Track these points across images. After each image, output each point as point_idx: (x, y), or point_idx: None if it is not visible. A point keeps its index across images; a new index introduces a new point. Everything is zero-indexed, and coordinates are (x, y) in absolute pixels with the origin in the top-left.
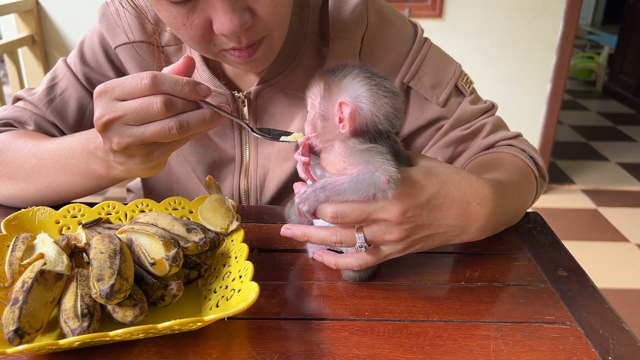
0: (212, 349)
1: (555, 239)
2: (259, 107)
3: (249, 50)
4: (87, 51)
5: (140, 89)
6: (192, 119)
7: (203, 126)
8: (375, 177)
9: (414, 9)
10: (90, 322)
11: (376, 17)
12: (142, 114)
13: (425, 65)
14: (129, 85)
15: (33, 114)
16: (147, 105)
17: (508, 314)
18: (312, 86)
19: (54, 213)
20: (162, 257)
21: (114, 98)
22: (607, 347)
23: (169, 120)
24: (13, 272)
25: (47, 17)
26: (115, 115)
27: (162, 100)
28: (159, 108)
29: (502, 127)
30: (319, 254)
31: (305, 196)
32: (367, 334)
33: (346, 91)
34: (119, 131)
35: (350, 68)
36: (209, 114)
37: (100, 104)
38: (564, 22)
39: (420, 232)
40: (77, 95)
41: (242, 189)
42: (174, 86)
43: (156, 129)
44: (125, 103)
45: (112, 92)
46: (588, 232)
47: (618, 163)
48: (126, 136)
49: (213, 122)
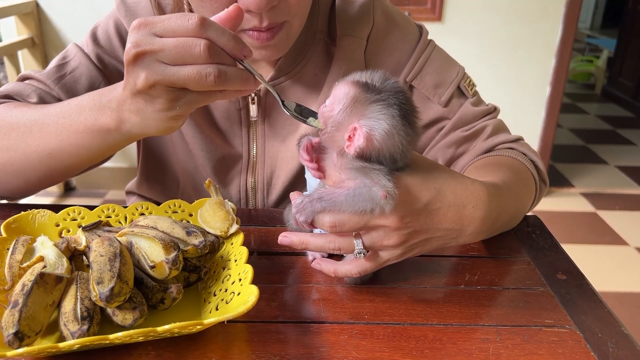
0: (211, 352)
1: (555, 243)
2: (268, 105)
3: (269, 33)
4: (100, 34)
5: (185, 28)
6: (230, 71)
7: (239, 83)
8: (372, 192)
9: (414, 12)
10: (90, 325)
11: (382, 16)
12: (182, 52)
13: (429, 65)
14: (173, 23)
15: (38, 89)
16: (189, 45)
17: (507, 318)
18: (344, 86)
19: (54, 216)
20: (162, 260)
21: (153, 32)
22: (606, 351)
23: (207, 65)
24: (13, 275)
25: (47, 19)
26: (151, 48)
27: (207, 43)
28: (202, 51)
29: (504, 130)
30: (317, 262)
31: (302, 206)
32: (366, 338)
33: (368, 118)
34: (150, 66)
35: (390, 94)
36: (246, 74)
37: (136, 35)
38: (563, 25)
39: (417, 237)
40: (89, 73)
41: (249, 186)
42: (221, 35)
43: (192, 71)
44: (164, 39)
45: (152, 26)
46: (587, 236)
47: (617, 166)
48: (157, 73)
49: (248, 83)
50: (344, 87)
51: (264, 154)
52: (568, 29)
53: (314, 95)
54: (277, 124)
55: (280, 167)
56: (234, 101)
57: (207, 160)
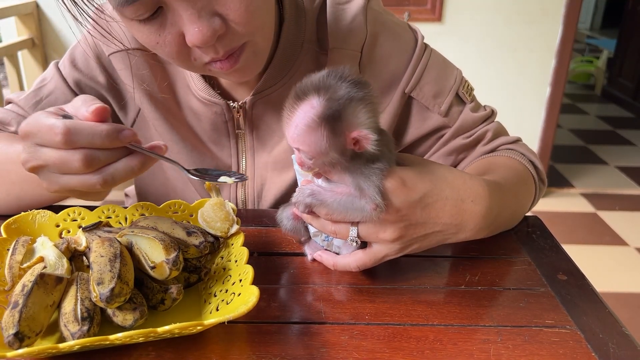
0: (212, 352)
1: (555, 243)
2: (255, 117)
3: (230, 59)
4: (78, 55)
5: (56, 144)
6: (118, 171)
7: (132, 175)
8: (362, 204)
9: (414, 12)
10: (90, 325)
11: (375, 26)
12: (63, 168)
13: (427, 74)
14: (45, 138)
15: (17, 115)
16: (65, 161)
17: (508, 318)
18: (308, 133)
19: (54, 216)
20: (163, 261)
21: (35, 143)
22: (607, 352)
23: (91, 175)
24: (13, 276)
25: (47, 20)
26: (38, 163)
27: (81, 157)
28: (77, 166)
29: (503, 133)
30: (318, 254)
31: (295, 200)
32: (367, 338)
33: (354, 123)
34: (47, 177)
35: (346, 91)
36: (137, 163)
37: (25, 147)
38: (563, 26)
39: (415, 231)
40: (64, 98)
41: (239, 199)
42: (92, 139)
43: (79, 182)
44: (46, 151)
45: (33, 137)
46: (587, 236)
47: (617, 167)
48: (54, 183)
49: (144, 167)
50: (309, 130)
51: (253, 166)
52: (568, 29)
53: None
54: (266, 136)
55: (270, 179)
56: (219, 113)
57: None
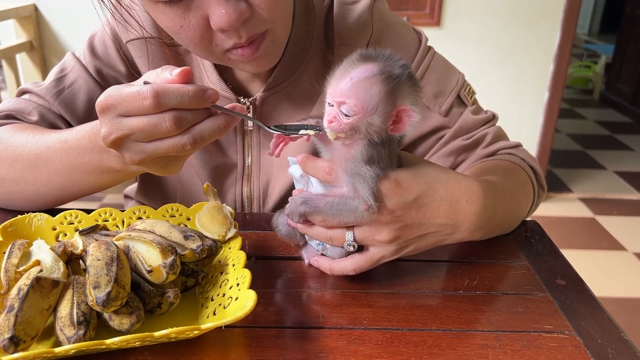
0: (209, 357)
1: (554, 248)
2: (265, 113)
3: (252, 46)
4: (97, 44)
5: (146, 109)
6: (206, 130)
7: (218, 134)
8: (355, 204)
9: (412, 17)
10: (86, 329)
11: (381, 24)
12: (151, 132)
13: (429, 74)
14: (132, 105)
15: (38, 105)
16: (155, 124)
17: (506, 323)
18: (365, 86)
19: (50, 219)
20: (159, 265)
21: (118, 114)
22: (606, 357)
23: (181, 136)
24: (9, 279)
25: (46, 23)
26: (122, 133)
27: (171, 118)
28: (169, 127)
29: (503, 137)
30: (315, 259)
31: (289, 210)
32: (365, 343)
33: (406, 97)
34: (130, 148)
35: (402, 69)
36: (223, 121)
37: (105, 120)
38: (561, 30)
39: (410, 233)
40: (87, 87)
41: (244, 196)
42: (180, 100)
43: (169, 145)
44: (131, 120)
45: (114, 108)
46: (585, 241)
47: (615, 171)
48: (138, 152)
49: (228, 126)
50: (367, 85)
51: (259, 163)
52: (566, 34)
53: (310, 103)
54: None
55: (276, 176)
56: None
57: (202, 170)
